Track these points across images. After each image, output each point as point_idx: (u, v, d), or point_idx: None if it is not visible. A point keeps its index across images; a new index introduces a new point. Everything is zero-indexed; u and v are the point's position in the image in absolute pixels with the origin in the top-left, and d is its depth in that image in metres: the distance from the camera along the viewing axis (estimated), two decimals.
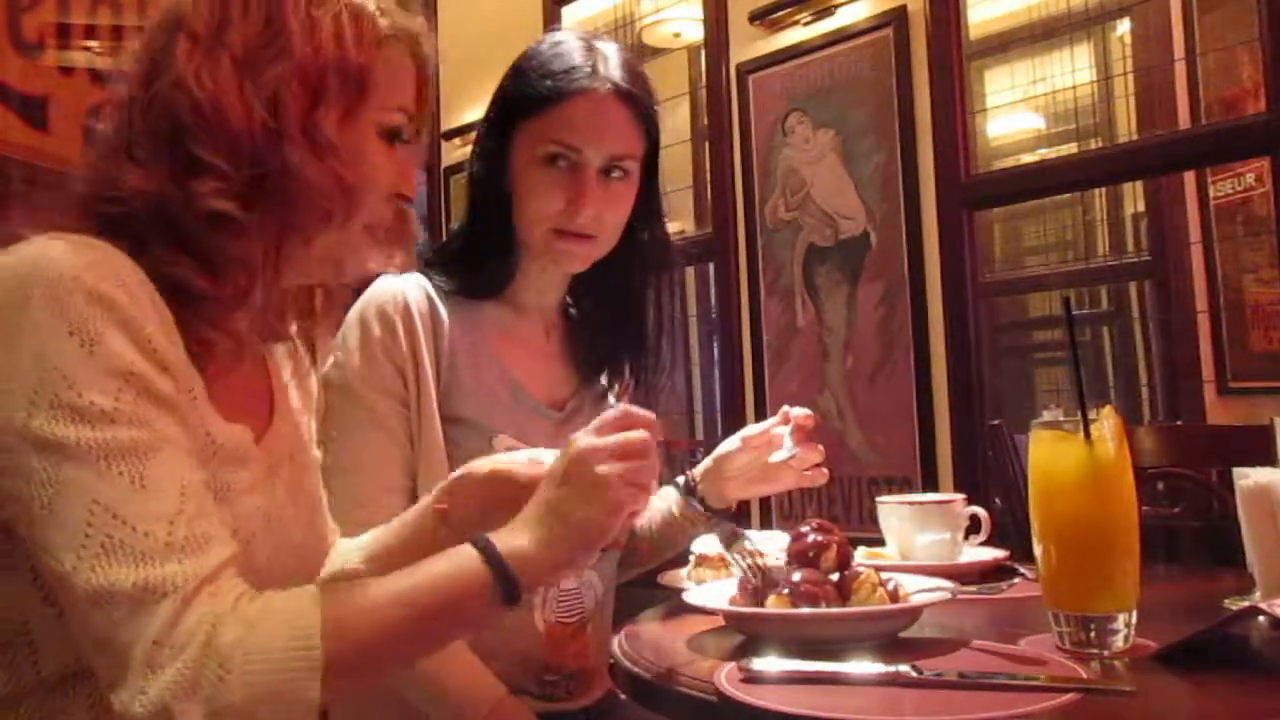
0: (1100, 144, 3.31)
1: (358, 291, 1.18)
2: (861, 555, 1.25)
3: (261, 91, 0.77)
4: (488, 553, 0.74)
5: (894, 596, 0.94)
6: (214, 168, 0.75)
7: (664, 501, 1.28)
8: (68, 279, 0.68)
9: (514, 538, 0.76)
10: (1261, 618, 0.78)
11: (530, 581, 0.75)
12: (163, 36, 0.80)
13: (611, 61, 1.18)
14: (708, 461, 1.25)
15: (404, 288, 1.17)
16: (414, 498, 1.13)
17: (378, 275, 1.14)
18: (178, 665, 0.64)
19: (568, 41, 1.20)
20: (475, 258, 1.22)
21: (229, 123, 0.76)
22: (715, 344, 3.40)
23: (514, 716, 1.05)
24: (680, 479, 1.28)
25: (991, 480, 2.35)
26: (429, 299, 1.19)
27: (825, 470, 1.21)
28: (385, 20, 0.84)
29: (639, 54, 3.76)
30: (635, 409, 0.80)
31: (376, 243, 0.87)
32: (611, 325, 1.28)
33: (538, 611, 1.18)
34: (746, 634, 0.95)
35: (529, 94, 1.16)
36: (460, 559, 0.74)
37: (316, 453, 0.98)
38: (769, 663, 0.81)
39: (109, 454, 0.66)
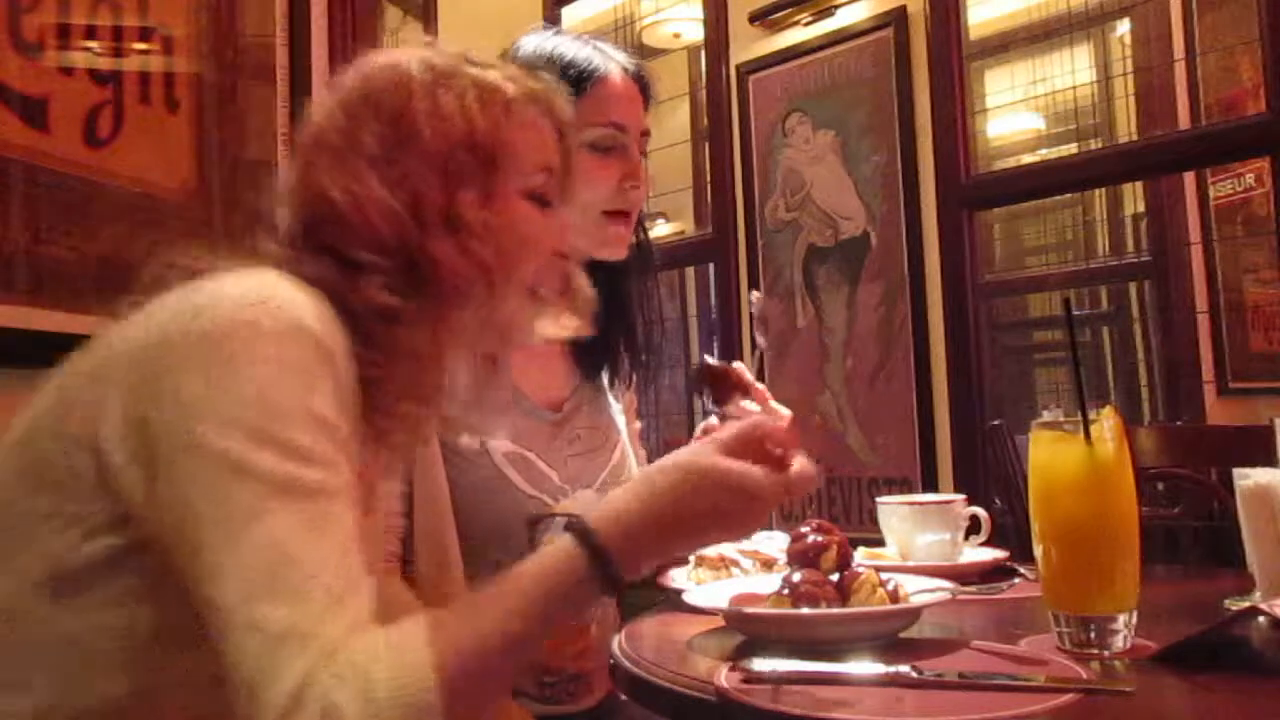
0: (1100, 144, 3.31)
1: None
2: (861, 556, 1.25)
3: (397, 186, 0.79)
4: (593, 554, 0.73)
5: (894, 597, 0.94)
6: (373, 265, 0.78)
7: None
8: (299, 323, 0.70)
9: (625, 536, 0.74)
10: (1261, 618, 0.78)
11: (630, 572, 0.74)
12: (307, 154, 0.84)
13: (608, 46, 1.22)
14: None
15: None
16: (411, 502, 1.13)
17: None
18: (312, 712, 0.63)
19: (558, 39, 1.21)
20: None
21: (373, 223, 0.78)
22: (715, 344, 3.40)
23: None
24: None
25: (991, 481, 2.35)
26: None
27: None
28: (513, 87, 0.85)
29: (639, 55, 3.76)
30: (766, 420, 0.80)
31: (543, 306, 0.89)
32: (609, 325, 1.28)
33: None
34: (746, 634, 0.95)
35: (566, 78, 1.15)
36: (557, 557, 0.73)
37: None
38: (769, 663, 0.81)
39: (298, 492, 0.67)
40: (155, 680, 0.73)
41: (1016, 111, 3.67)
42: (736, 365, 1.15)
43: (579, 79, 1.16)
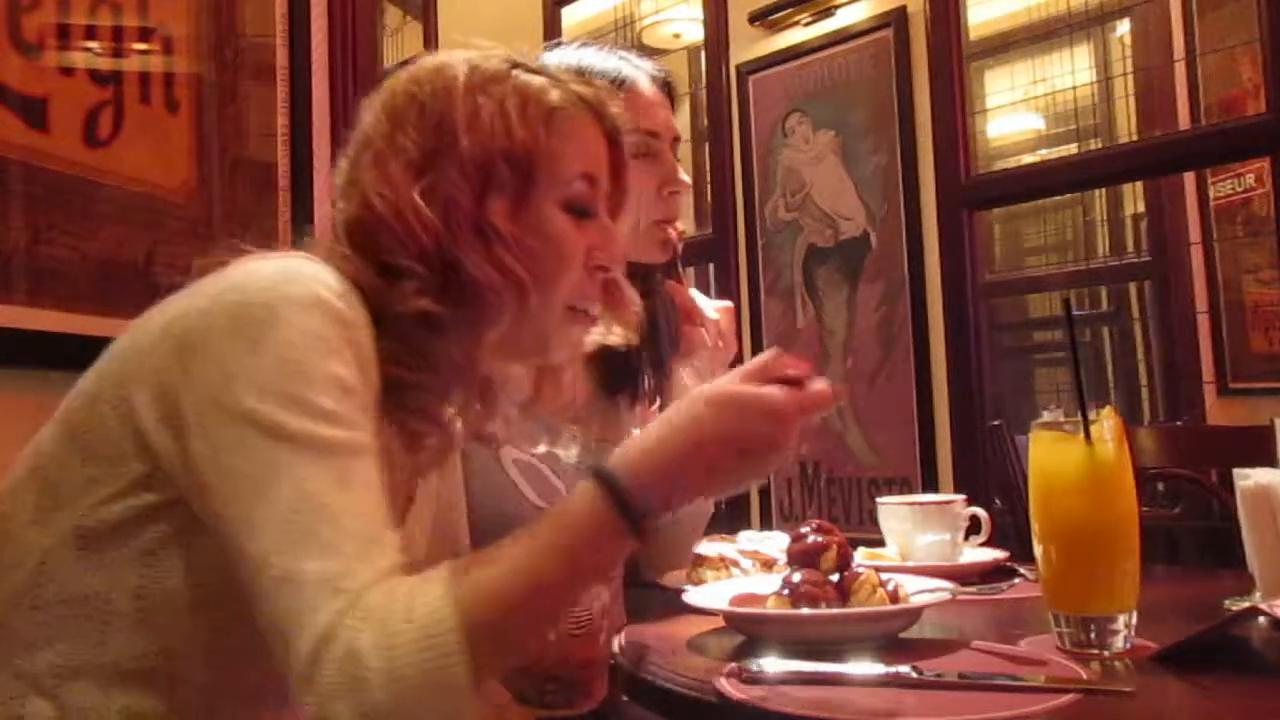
0: (1100, 144, 3.31)
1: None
2: (861, 556, 1.24)
3: (432, 193, 0.80)
4: (611, 488, 0.72)
5: (894, 597, 0.93)
6: (410, 270, 0.79)
7: None
8: (323, 296, 0.74)
9: (646, 473, 0.73)
10: (1261, 618, 0.78)
11: (658, 510, 0.73)
12: (354, 155, 0.85)
13: (633, 56, 1.21)
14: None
15: None
16: None
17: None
18: (331, 665, 0.65)
19: (583, 51, 1.21)
20: None
21: (410, 228, 0.79)
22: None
23: None
24: None
25: (991, 481, 2.35)
26: None
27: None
28: (557, 92, 0.85)
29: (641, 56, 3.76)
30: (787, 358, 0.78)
31: (584, 320, 0.88)
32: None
33: None
34: (746, 634, 0.95)
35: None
36: (586, 509, 0.73)
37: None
38: (769, 663, 0.81)
39: (326, 449, 0.70)
40: (172, 642, 0.75)
41: (1016, 111, 3.67)
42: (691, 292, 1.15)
43: (619, 83, 1.16)
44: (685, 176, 1.17)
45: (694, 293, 1.21)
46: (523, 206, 0.82)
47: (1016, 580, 1.20)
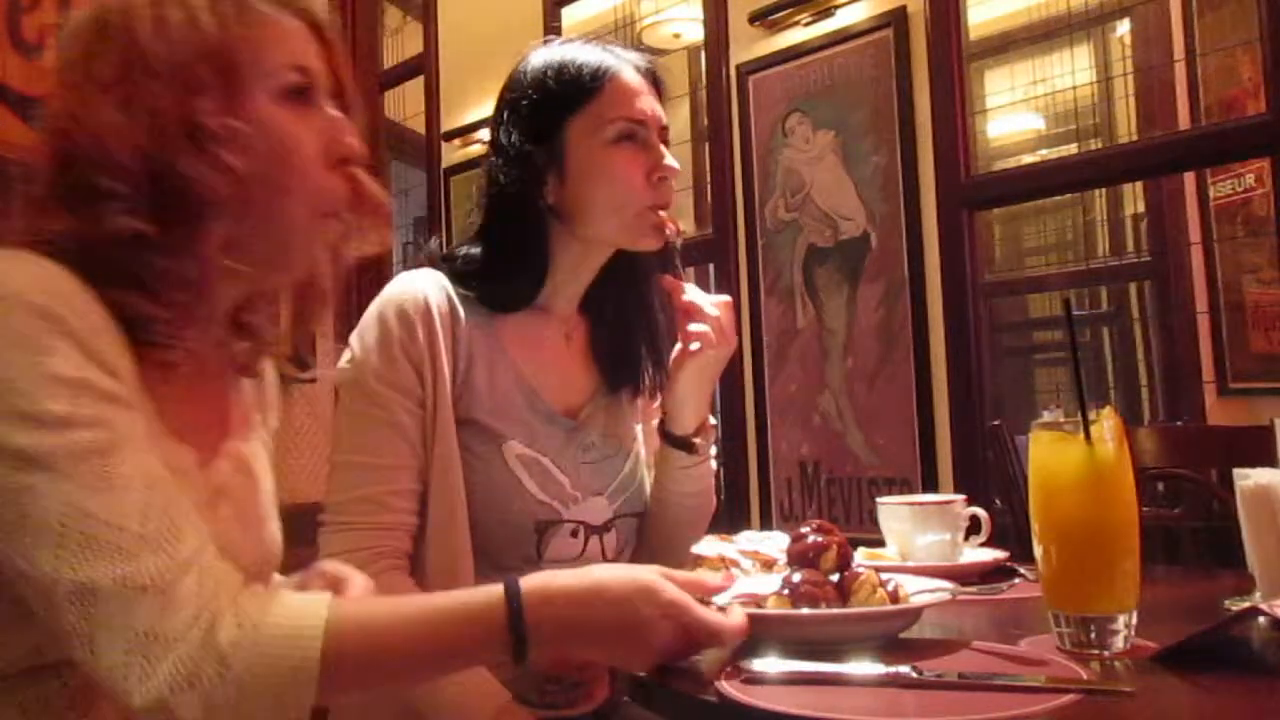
0: (1100, 145, 3.31)
1: (375, 287, 1.18)
2: (861, 556, 1.25)
3: (132, 108, 0.77)
4: (513, 607, 0.75)
5: (894, 597, 0.93)
6: (113, 192, 0.76)
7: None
8: (11, 296, 0.69)
9: (550, 605, 0.76)
10: (1261, 618, 0.78)
11: (540, 656, 0.75)
12: (50, 92, 0.82)
13: (618, 47, 1.22)
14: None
15: (425, 287, 1.16)
16: (424, 501, 1.13)
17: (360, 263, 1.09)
18: (174, 657, 0.65)
19: (567, 46, 1.22)
20: (507, 271, 1.19)
21: (109, 148, 0.76)
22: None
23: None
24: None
25: (992, 481, 2.35)
26: (449, 300, 1.17)
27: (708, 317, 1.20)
28: None
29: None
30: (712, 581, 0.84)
31: (335, 225, 0.84)
32: (631, 324, 1.28)
33: None
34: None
35: (575, 84, 1.16)
36: (483, 603, 0.75)
37: (269, 479, 0.96)
38: (769, 663, 0.81)
39: (73, 456, 0.67)
40: (38, 640, 0.74)
41: (1016, 111, 3.66)
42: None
43: (592, 78, 1.16)
44: (674, 162, 1.17)
45: (691, 288, 1.21)
46: (233, 103, 0.79)
47: (1016, 580, 1.20)
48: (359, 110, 0.89)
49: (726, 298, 1.21)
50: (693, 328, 1.19)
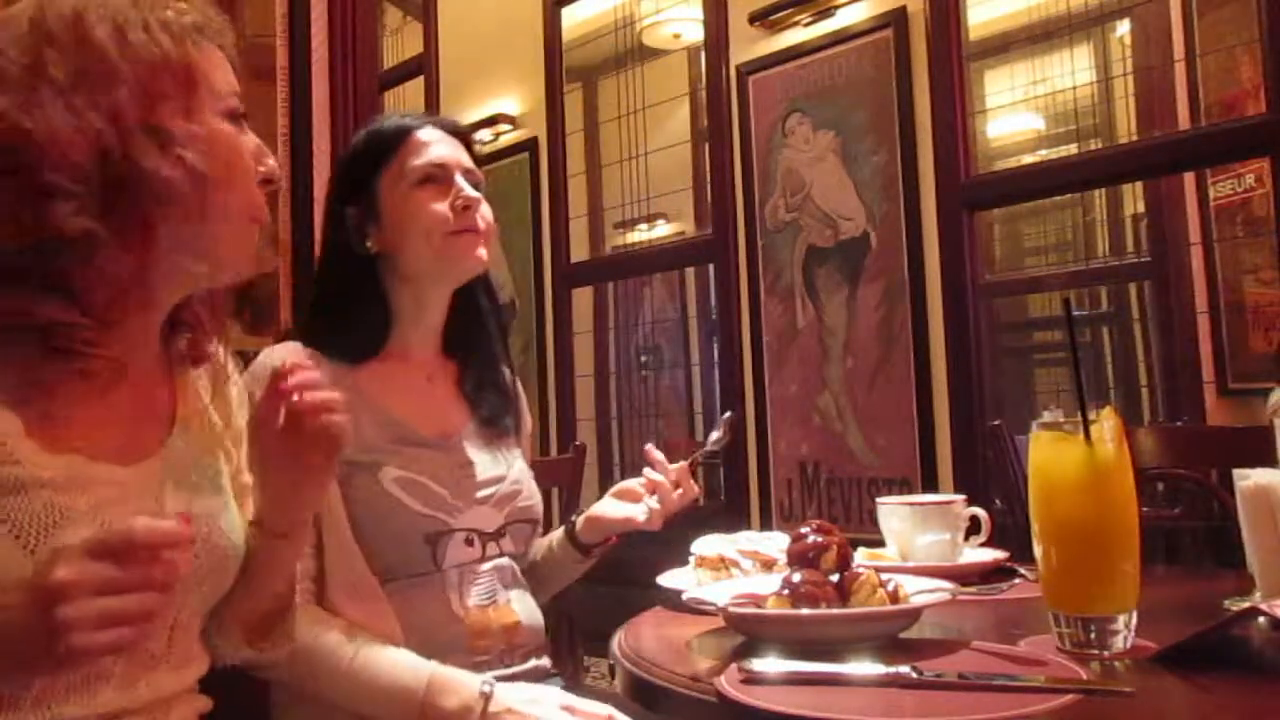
0: (1100, 145, 3.31)
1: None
2: (861, 556, 1.25)
3: (94, 109, 0.79)
4: None
5: (894, 597, 0.93)
6: (65, 190, 0.78)
7: (548, 539, 1.39)
8: None
9: None
10: (1261, 618, 0.78)
11: None
12: None
13: (426, 115, 1.36)
14: (589, 511, 1.35)
15: (280, 355, 1.22)
16: (318, 537, 1.17)
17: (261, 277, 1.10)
18: None
19: (377, 119, 1.36)
20: (348, 322, 1.28)
21: (62, 149, 0.78)
22: (715, 344, 3.40)
23: (450, 685, 1.08)
24: (568, 521, 1.37)
25: (991, 481, 2.36)
26: (310, 359, 1.21)
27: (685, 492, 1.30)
28: (189, 18, 0.87)
29: (639, 55, 3.77)
30: (149, 527, 0.69)
31: (260, 230, 0.90)
32: (493, 361, 1.37)
33: (454, 599, 1.21)
34: (746, 634, 0.95)
35: (382, 141, 1.30)
36: None
37: (229, 466, 0.98)
38: (769, 663, 0.81)
39: None
40: None
41: (1016, 112, 3.67)
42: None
43: (394, 136, 1.29)
44: (474, 193, 1.28)
45: (655, 453, 1.31)
46: (191, 115, 0.84)
47: (1016, 580, 1.20)
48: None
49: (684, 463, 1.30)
50: (642, 506, 1.27)
